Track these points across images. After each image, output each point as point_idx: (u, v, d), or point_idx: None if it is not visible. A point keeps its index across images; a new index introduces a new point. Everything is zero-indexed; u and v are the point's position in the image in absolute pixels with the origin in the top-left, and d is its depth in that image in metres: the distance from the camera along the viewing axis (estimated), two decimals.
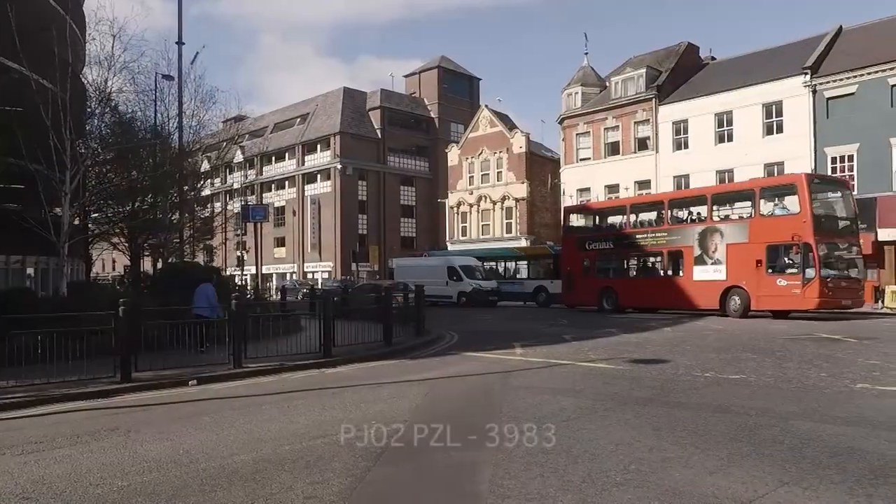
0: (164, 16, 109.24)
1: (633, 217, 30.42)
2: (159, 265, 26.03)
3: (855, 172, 32.48)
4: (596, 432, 7.23)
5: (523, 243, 49.96)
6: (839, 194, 25.22)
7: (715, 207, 26.47)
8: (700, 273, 25.82)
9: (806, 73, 34.99)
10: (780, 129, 36.24)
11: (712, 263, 25.43)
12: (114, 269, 67.09)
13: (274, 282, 66.10)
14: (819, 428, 7.29)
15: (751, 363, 12.29)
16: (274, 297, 42.20)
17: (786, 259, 22.84)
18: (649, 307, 27.91)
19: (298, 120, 73.51)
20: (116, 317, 11.47)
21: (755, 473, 5.70)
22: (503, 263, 41.08)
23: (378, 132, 69.89)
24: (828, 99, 34.44)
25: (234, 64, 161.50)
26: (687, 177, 39.20)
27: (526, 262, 39.69)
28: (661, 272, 27.92)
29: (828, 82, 34.44)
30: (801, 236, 21.98)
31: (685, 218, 27.57)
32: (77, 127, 17.99)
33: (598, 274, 30.77)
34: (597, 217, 33.78)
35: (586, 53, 50.59)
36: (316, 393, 10.50)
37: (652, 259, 28.79)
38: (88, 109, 20.26)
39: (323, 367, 13.38)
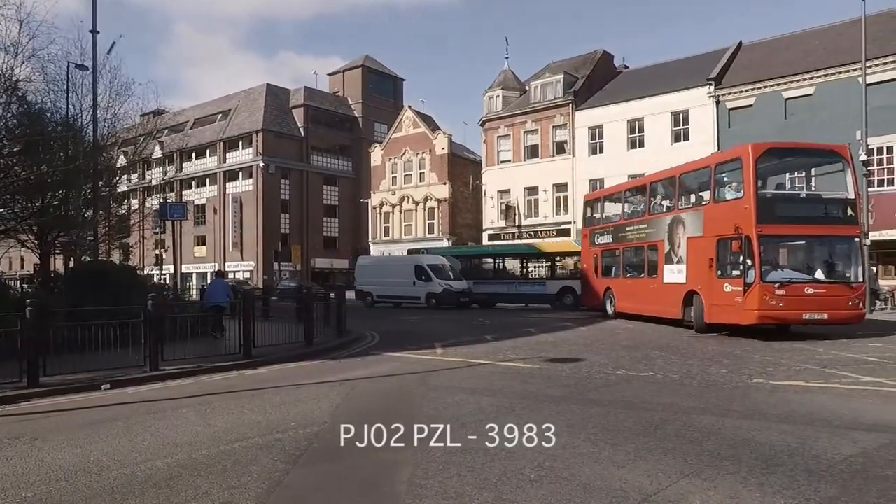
0: (75, 2, 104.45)
1: (626, 206, 25.30)
2: (71, 264, 24.97)
3: None
4: (512, 430, 7.43)
5: (445, 244, 50.33)
6: (824, 167, 18.64)
7: (683, 192, 20.95)
8: (668, 274, 20.80)
9: (710, 85, 37.08)
10: (686, 137, 38.17)
11: (677, 262, 20.21)
12: (22, 267, 63.95)
13: (194, 281, 64.32)
14: (718, 422, 7.73)
15: (658, 361, 12.83)
16: (195, 297, 41.06)
17: (730, 258, 17.22)
18: (638, 313, 23.04)
19: (220, 116, 71.74)
20: (23, 318, 10.99)
21: (659, 467, 6.01)
22: (519, 261, 35.90)
23: (301, 130, 68.95)
24: (729, 109, 36.86)
25: (150, 55, 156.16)
26: (602, 180, 40.50)
27: (548, 260, 34.49)
28: (645, 272, 22.87)
29: (729, 94, 36.48)
30: (741, 227, 16.44)
31: (660, 206, 22.33)
32: None
33: (602, 273, 26.56)
34: (602, 206, 28.00)
35: (507, 58, 51.41)
36: (235, 395, 10.36)
37: (636, 256, 23.84)
38: None
39: (243, 368, 13.19)
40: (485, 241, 47.58)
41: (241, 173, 67.47)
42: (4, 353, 11.16)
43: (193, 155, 70.09)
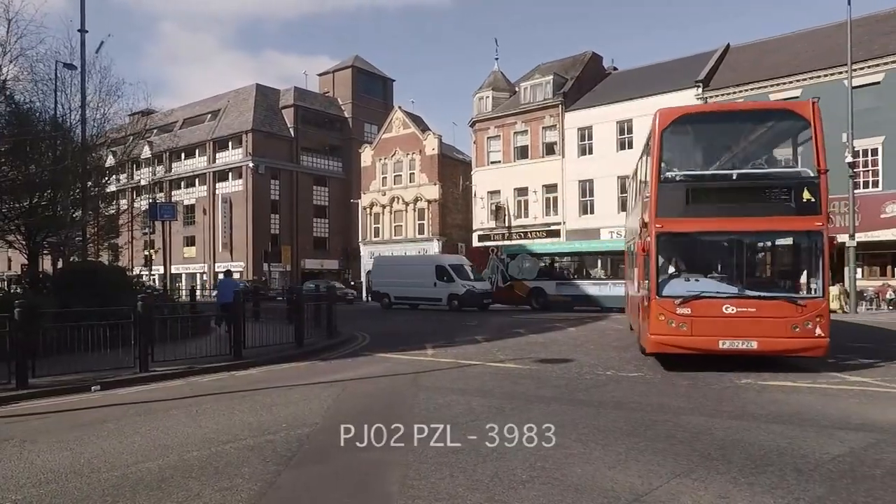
0: (63, 1, 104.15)
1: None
2: (60, 264, 24.82)
3: None
4: (503, 431, 7.46)
5: (435, 244, 50.32)
6: (782, 136, 13.21)
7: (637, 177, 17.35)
8: (630, 283, 18.32)
9: (698, 86, 37.17)
10: None
11: (633, 266, 16.60)
12: (9, 268, 63.43)
13: (184, 282, 64.03)
14: (708, 422, 7.79)
15: (648, 360, 12.89)
16: (184, 297, 40.85)
17: (646, 265, 12.75)
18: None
19: (209, 116, 71.44)
20: (11, 319, 10.91)
21: (650, 467, 6.05)
22: (600, 260, 31.97)
23: (291, 131, 68.76)
24: None
25: (136, 53, 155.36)
26: (591, 181, 40.69)
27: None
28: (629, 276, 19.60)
29: (717, 95, 36.59)
30: (646, 223, 12.58)
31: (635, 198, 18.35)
32: None
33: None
34: None
35: (497, 58, 51.71)
36: (226, 396, 10.34)
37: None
38: None
39: (233, 369, 13.16)
40: (475, 243, 47.60)
41: (230, 174, 67.21)
42: None
43: (183, 155, 69.77)
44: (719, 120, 13.23)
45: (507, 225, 45.81)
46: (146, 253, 45.57)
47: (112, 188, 30.56)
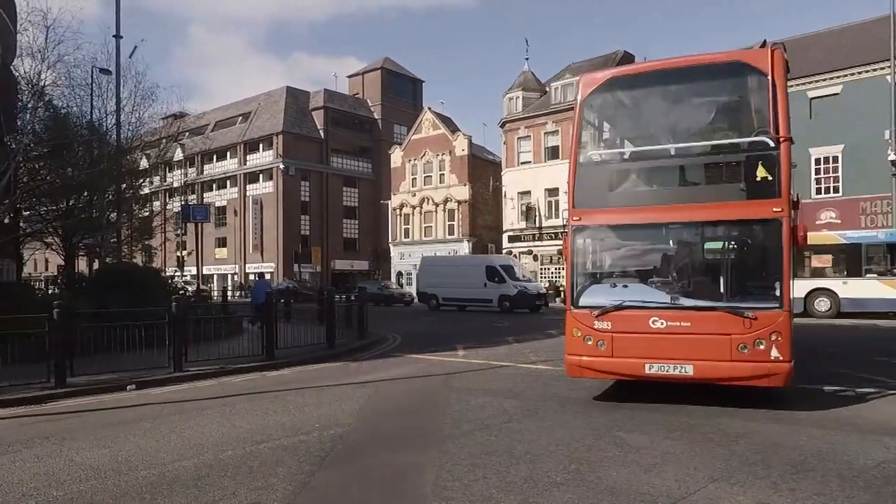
0: (97, 6, 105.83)
1: None
2: (95, 265, 25.28)
3: None
4: (537, 433, 7.41)
5: (465, 245, 50.31)
6: (738, 95, 10.09)
7: None
8: None
9: None
10: None
11: None
12: (46, 269, 64.72)
13: (215, 283, 64.80)
14: (747, 426, 7.65)
15: None
16: (216, 298, 41.31)
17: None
18: None
19: (240, 118, 72.26)
20: (51, 319, 11.13)
21: (687, 471, 5.95)
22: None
23: (321, 132, 69.26)
24: None
25: (166, 57, 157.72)
26: None
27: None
28: None
29: None
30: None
31: None
32: (8, 121, 17.35)
33: None
34: None
35: (527, 59, 51.43)
36: (258, 396, 10.42)
37: None
38: (20, 103, 19.54)
39: (265, 370, 13.26)
40: (505, 244, 47.51)
41: (261, 175, 67.91)
42: (32, 353, 11.32)
43: (214, 157, 70.68)
44: (657, 81, 9.94)
45: (537, 226, 45.65)
46: (178, 254, 46.13)
47: (146, 190, 31.08)
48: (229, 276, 67.76)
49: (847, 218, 32.00)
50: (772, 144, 8.52)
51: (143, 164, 29.28)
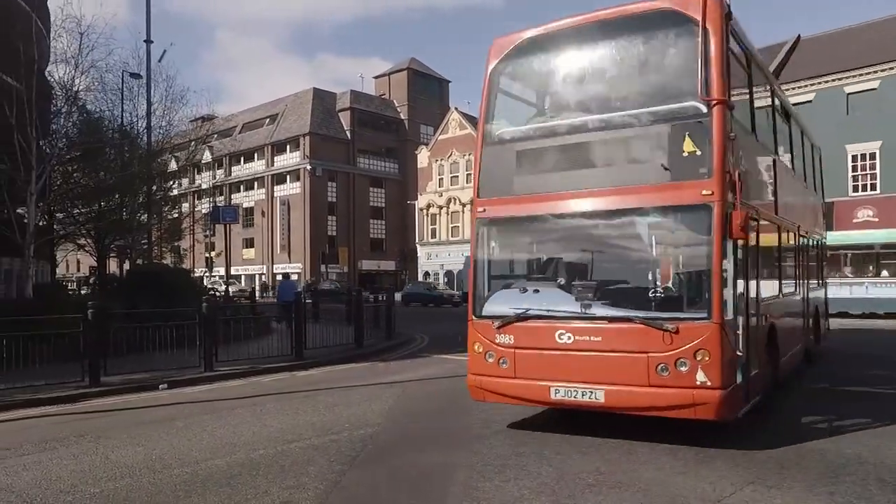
0: (129, 11, 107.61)
1: None
2: (126, 266, 25.67)
3: None
4: (567, 434, 7.35)
5: None
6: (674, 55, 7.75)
7: None
8: None
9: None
10: None
11: None
12: (78, 270, 65.87)
13: (243, 283, 65.43)
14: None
15: None
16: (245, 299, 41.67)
17: None
18: None
19: (268, 120, 72.94)
20: (85, 320, 11.31)
21: (722, 473, 5.87)
22: None
23: (348, 133, 69.64)
24: None
25: (194, 60, 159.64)
26: None
27: None
28: None
29: (788, 89, 35.28)
30: None
31: None
32: (43, 126, 17.68)
33: None
34: None
35: None
36: (288, 396, 10.49)
37: None
38: (54, 108, 19.90)
39: (294, 369, 13.35)
40: None
41: (288, 176, 68.47)
42: (67, 353, 11.51)
43: (242, 159, 71.42)
44: (576, 40, 8.06)
45: None
46: (207, 255, 46.67)
47: (175, 192, 31.50)
48: (257, 277, 68.39)
49: (885, 216, 31.33)
50: (702, 110, 6.75)
51: (173, 166, 29.68)
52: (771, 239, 9.15)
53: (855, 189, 33.00)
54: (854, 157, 32.98)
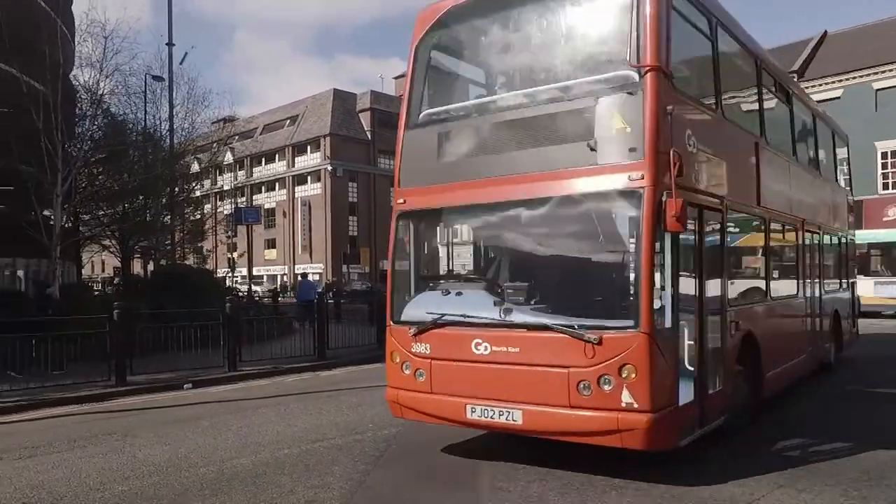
0: (151, 14, 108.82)
1: None
2: (150, 267, 25.95)
3: None
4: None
5: None
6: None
7: None
8: None
9: (793, 77, 35.34)
10: None
11: None
12: (103, 271, 66.69)
13: (265, 284, 65.86)
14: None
15: None
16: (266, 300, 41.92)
17: None
18: None
19: (288, 121, 73.33)
20: (111, 320, 11.45)
21: (752, 475, 5.78)
22: None
23: (368, 134, 69.82)
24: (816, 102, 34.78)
25: (215, 62, 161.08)
26: None
27: None
28: None
29: (814, 86, 34.82)
30: None
31: None
32: (68, 129, 17.93)
33: None
34: None
35: None
36: (312, 396, 10.53)
37: None
38: (79, 111, 20.16)
39: (317, 369, 13.41)
40: None
41: (309, 177, 68.80)
42: (94, 353, 11.66)
43: (263, 160, 71.86)
44: (501, 7, 7.21)
45: None
46: (229, 256, 47.04)
47: (197, 193, 31.78)
48: (278, 277, 68.79)
49: None
50: (634, 79, 5.73)
51: (195, 167, 29.94)
52: (749, 233, 8.34)
53: (885, 187, 32.38)
54: (884, 154, 32.37)
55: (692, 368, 6.05)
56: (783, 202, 9.02)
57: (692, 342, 6.05)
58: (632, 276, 5.58)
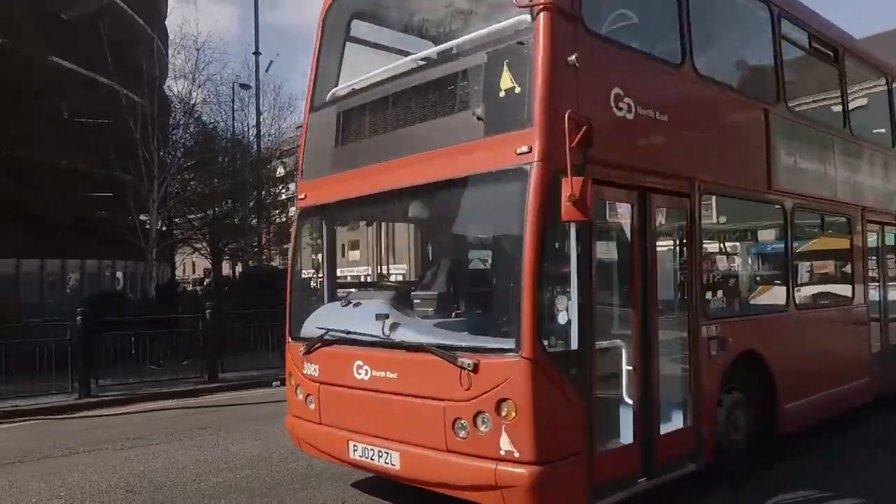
0: (239, 26, 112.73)
1: None
2: (238, 269, 26.91)
3: None
4: None
5: None
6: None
7: None
8: None
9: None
10: None
11: None
12: (194, 272, 69.42)
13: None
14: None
15: None
16: None
17: None
18: None
19: None
20: (204, 319, 11.96)
21: None
22: None
23: None
24: None
25: (296, 68, 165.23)
26: None
27: None
28: None
29: None
30: None
31: None
32: (163, 138, 18.85)
33: None
34: None
35: None
36: None
37: None
38: (173, 121, 21.15)
39: None
40: None
41: None
42: (188, 350, 12.23)
43: None
44: None
45: None
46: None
47: (283, 197, 32.74)
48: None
49: None
50: (527, 22, 4.41)
51: (281, 171, 30.85)
52: (761, 224, 7.05)
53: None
54: None
55: (631, 401, 4.61)
56: (823, 186, 7.17)
57: (630, 367, 4.61)
58: (510, 281, 4.32)
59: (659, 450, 4.81)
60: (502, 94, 4.44)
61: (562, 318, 4.26)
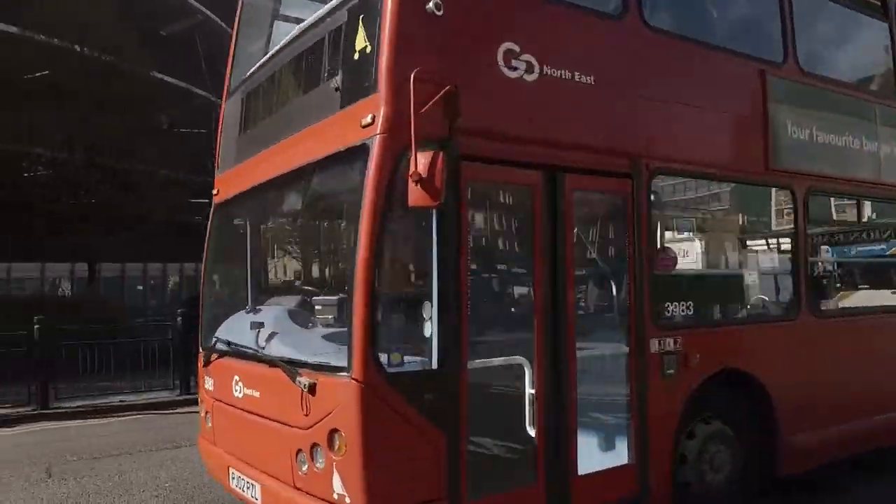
0: None
1: None
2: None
3: None
4: None
5: None
6: None
7: None
8: None
9: None
10: None
11: None
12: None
13: None
14: None
15: None
16: None
17: None
18: None
19: None
20: None
21: None
22: None
23: None
24: None
25: None
26: None
27: None
28: None
29: None
30: None
31: None
32: None
33: None
34: None
35: None
36: None
37: None
38: None
39: None
40: None
41: None
42: None
43: None
44: None
45: None
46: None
47: None
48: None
49: None
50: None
51: None
52: (755, 212, 5.84)
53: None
54: None
55: (533, 434, 3.72)
56: (847, 165, 5.71)
57: (533, 391, 3.71)
58: (344, 282, 3.65)
59: (578, 493, 3.89)
60: (356, 56, 3.70)
61: (419, 331, 3.46)
